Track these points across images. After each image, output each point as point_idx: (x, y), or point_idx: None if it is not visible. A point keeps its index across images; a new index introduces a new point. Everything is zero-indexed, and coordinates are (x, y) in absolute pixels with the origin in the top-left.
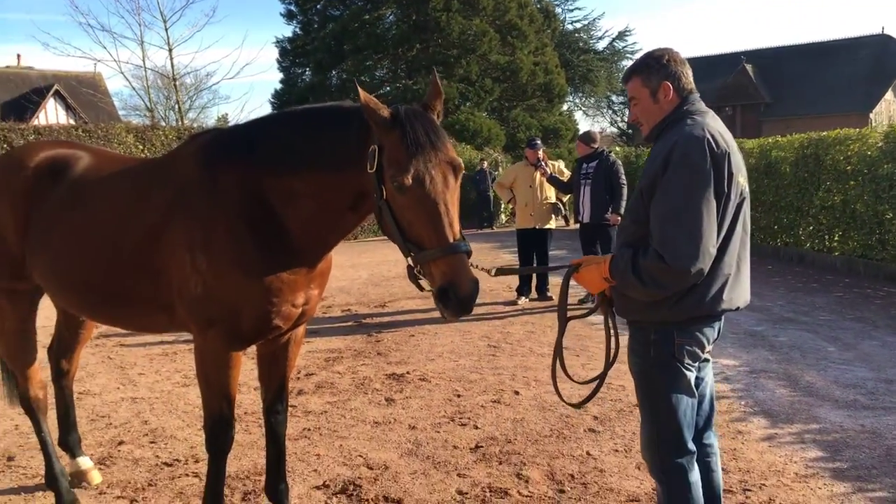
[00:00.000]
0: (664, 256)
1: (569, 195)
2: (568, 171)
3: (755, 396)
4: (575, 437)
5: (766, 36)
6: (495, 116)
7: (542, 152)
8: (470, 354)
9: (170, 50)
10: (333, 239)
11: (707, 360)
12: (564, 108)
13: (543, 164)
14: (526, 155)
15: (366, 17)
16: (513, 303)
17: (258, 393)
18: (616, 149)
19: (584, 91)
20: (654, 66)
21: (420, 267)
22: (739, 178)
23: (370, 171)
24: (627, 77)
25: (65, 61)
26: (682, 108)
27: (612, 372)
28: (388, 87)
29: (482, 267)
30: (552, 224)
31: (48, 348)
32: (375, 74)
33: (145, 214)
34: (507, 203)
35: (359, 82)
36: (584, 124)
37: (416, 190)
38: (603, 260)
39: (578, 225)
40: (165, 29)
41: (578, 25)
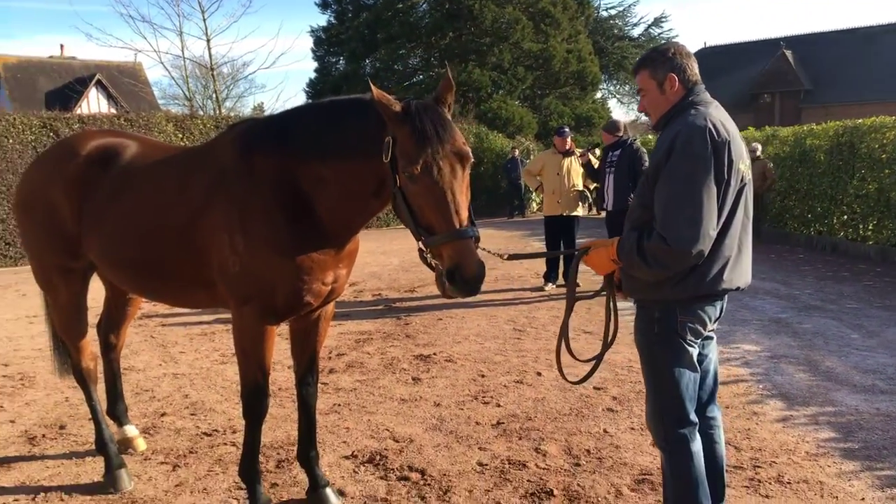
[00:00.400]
0: (667, 239)
1: (595, 184)
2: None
3: (773, 380)
4: (593, 416)
5: (807, 21)
6: (527, 104)
7: (570, 140)
8: (495, 337)
9: (208, 40)
10: (359, 222)
11: (710, 337)
12: (598, 95)
13: (588, 151)
14: (554, 143)
15: (399, 6)
16: (540, 289)
17: (290, 371)
18: (648, 137)
19: (619, 78)
20: (660, 60)
21: (429, 250)
22: (740, 164)
23: (385, 160)
24: (636, 70)
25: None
26: (688, 99)
27: (632, 355)
28: (420, 76)
29: (496, 252)
30: (579, 211)
31: (97, 325)
32: (408, 63)
33: (188, 198)
34: (535, 190)
35: (391, 72)
36: (617, 112)
37: (424, 179)
38: (611, 243)
39: (605, 213)
40: (204, 19)
41: (613, 12)
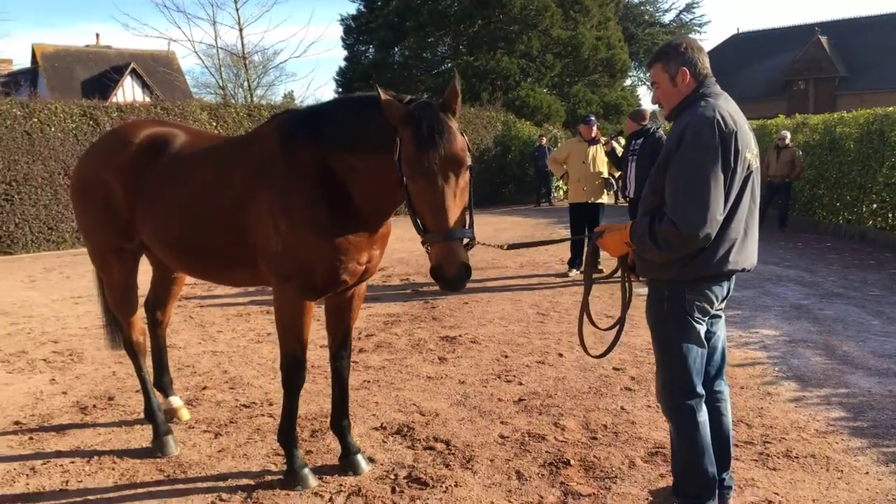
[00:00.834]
0: (676, 223)
1: (619, 172)
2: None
3: (790, 363)
4: (611, 394)
5: (842, 5)
6: (556, 92)
7: (595, 129)
8: (519, 321)
9: (240, 29)
10: (388, 208)
11: (718, 315)
12: (627, 83)
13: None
14: (580, 131)
15: None
16: (564, 275)
17: (322, 350)
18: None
19: None
20: (673, 54)
21: (425, 245)
22: (747, 153)
23: (395, 157)
24: (650, 64)
25: (140, 41)
26: (698, 91)
27: (651, 338)
28: (449, 63)
29: (495, 244)
30: (604, 199)
31: (144, 303)
32: (437, 51)
33: (234, 184)
34: (561, 178)
35: (419, 60)
36: (646, 100)
37: (420, 182)
38: (624, 227)
39: (628, 200)
40: (236, 9)
41: None
